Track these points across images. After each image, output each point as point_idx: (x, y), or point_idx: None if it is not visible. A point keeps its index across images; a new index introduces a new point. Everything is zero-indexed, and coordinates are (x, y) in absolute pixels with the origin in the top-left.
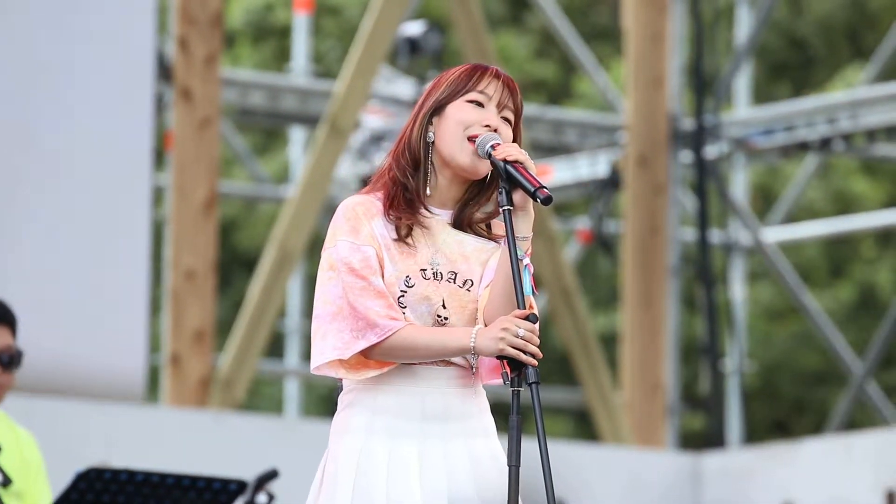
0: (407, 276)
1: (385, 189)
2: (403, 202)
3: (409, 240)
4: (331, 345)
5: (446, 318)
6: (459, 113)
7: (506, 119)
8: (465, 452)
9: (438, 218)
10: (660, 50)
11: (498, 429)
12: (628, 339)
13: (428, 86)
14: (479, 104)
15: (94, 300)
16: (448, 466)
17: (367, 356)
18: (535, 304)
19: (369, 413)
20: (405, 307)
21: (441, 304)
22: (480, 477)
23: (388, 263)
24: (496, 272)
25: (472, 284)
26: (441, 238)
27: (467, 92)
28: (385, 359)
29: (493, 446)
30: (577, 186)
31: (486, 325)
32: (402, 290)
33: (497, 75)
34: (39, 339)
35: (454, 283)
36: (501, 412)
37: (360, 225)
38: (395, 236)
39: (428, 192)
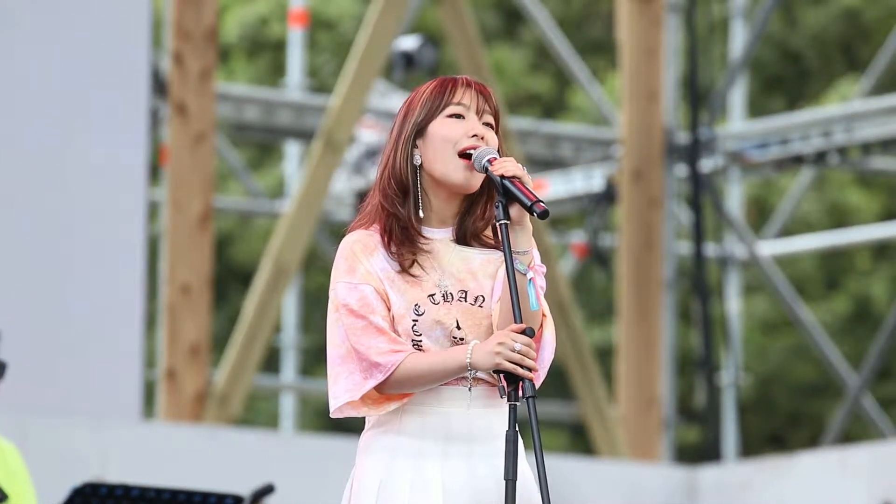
0: (416, 305)
1: (380, 222)
2: (400, 233)
3: (413, 269)
4: (343, 388)
5: (462, 339)
6: (443, 130)
7: (487, 124)
8: (490, 473)
9: (440, 238)
10: (654, 63)
11: None
12: (624, 352)
13: (400, 110)
14: (460, 116)
15: (89, 315)
16: (472, 487)
17: (382, 392)
18: (548, 313)
19: (394, 433)
20: (420, 334)
21: (455, 325)
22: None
23: (393, 295)
24: (503, 288)
25: (484, 300)
26: (446, 259)
27: (445, 107)
28: (398, 391)
29: (522, 467)
30: (572, 200)
31: None
32: (413, 319)
33: (468, 83)
34: (34, 355)
35: (465, 301)
36: None
37: (356, 264)
38: (398, 268)
39: (421, 214)
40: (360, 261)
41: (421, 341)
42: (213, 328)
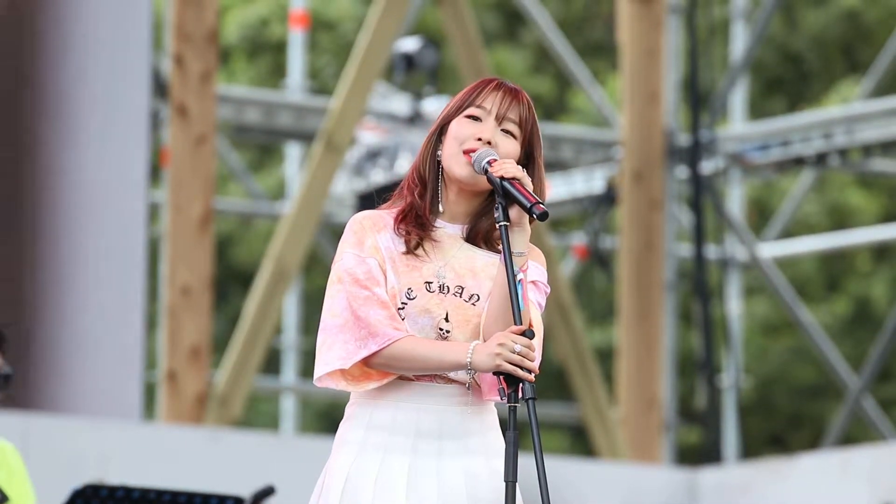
0: (409, 289)
1: (402, 206)
2: (413, 219)
3: (417, 252)
4: (336, 355)
5: (448, 332)
6: (457, 128)
7: (508, 131)
8: (461, 470)
9: (449, 232)
10: (655, 65)
11: None
12: (624, 354)
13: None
14: (477, 118)
15: (90, 316)
16: (441, 484)
17: (370, 366)
18: (536, 323)
19: (364, 428)
20: (403, 319)
21: (444, 317)
22: (474, 495)
23: (391, 275)
24: (493, 288)
25: (479, 299)
26: (451, 252)
27: (467, 107)
28: (385, 369)
29: (496, 465)
30: (573, 202)
31: (485, 341)
32: (402, 303)
33: (498, 87)
34: (35, 356)
35: (460, 297)
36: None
37: (364, 237)
38: (403, 249)
39: (441, 209)
40: (368, 235)
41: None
42: (214, 330)
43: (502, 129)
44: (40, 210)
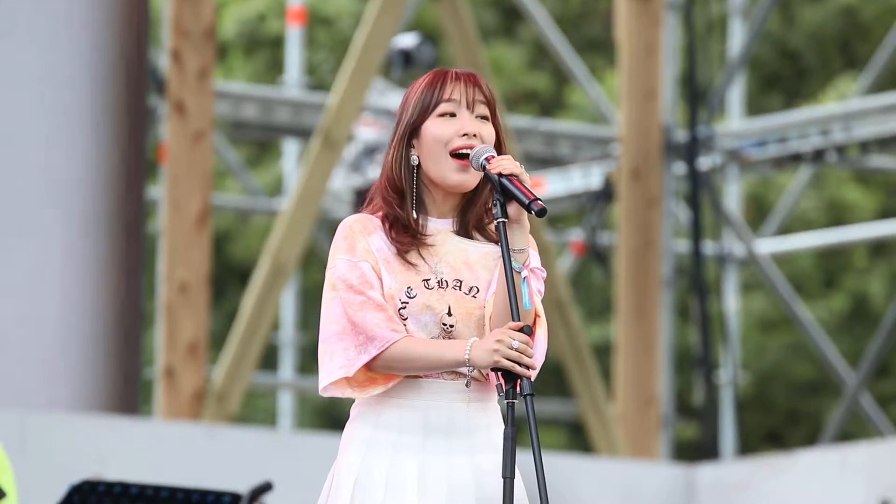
0: (408, 287)
1: (383, 211)
2: (401, 229)
3: (410, 256)
4: (338, 364)
5: (452, 326)
6: (435, 130)
7: (482, 116)
8: (470, 467)
9: (439, 227)
10: (653, 62)
11: None
12: (622, 350)
13: (399, 109)
14: (451, 114)
15: (86, 313)
16: (450, 481)
17: (372, 370)
18: (541, 313)
19: (371, 427)
20: (406, 318)
21: (446, 311)
22: (484, 492)
23: (386, 276)
24: (497, 284)
25: (478, 291)
26: (445, 248)
27: (436, 105)
28: (387, 371)
29: (500, 461)
30: (571, 198)
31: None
32: (403, 302)
33: (458, 77)
34: (32, 352)
35: (460, 290)
36: None
37: (356, 242)
38: (395, 252)
39: (415, 216)
40: (359, 239)
41: (406, 326)
42: (212, 326)
43: (476, 116)
44: (38, 203)
